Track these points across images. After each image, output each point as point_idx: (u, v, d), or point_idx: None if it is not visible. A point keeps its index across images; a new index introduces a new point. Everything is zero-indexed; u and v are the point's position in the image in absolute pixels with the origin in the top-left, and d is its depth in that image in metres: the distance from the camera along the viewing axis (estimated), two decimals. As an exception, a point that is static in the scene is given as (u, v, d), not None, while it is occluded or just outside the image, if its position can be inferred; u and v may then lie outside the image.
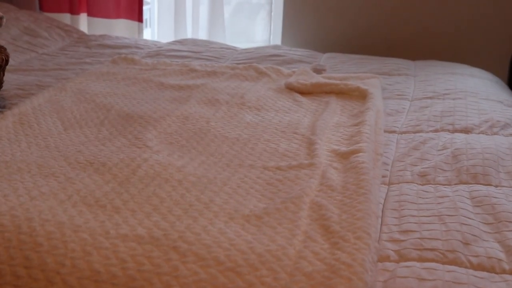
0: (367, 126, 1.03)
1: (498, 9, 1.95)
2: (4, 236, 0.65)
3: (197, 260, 0.62)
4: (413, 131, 1.10)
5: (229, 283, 0.59)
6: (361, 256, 0.62)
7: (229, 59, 1.69)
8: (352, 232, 0.67)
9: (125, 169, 0.84)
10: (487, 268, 0.66)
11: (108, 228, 0.68)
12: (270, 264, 0.61)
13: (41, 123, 1.04)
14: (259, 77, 1.41)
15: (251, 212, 0.73)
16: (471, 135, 1.05)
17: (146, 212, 0.72)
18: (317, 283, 0.59)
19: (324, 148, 0.96)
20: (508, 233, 0.71)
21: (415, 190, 0.84)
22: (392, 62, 1.65)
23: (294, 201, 0.75)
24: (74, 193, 0.77)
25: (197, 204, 0.75)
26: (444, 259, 0.66)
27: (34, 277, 0.61)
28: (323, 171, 0.85)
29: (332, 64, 1.62)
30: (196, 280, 0.59)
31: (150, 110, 1.12)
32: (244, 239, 0.66)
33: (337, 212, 0.73)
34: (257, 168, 0.88)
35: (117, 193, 0.77)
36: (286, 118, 1.11)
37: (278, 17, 2.19)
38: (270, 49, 1.81)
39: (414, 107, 1.24)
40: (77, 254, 0.63)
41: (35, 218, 0.68)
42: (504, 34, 1.97)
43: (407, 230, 0.72)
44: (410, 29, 2.04)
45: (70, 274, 0.61)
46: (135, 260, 0.62)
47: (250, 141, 0.98)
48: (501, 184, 0.86)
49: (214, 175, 0.84)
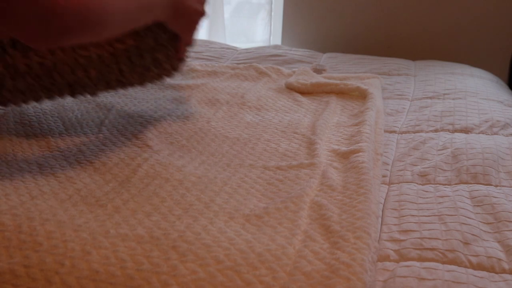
0: (367, 126, 1.03)
1: (498, 9, 1.95)
2: (4, 235, 0.65)
3: (196, 259, 0.62)
4: (413, 131, 1.10)
5: (228, 282, 0.59)
6: (361, 256, 0.62)
7: (229, 59, 1.69)
8: (352, 232, 0.67)
9: (125, 169, 0.84)
10: (487, 267, 0.66)
11: (108, 227, 0.68)
12: (269, 263, 0.61)
13: (42, 123, 1.04)
14: (259, 77, 1.41)
15: (251, 211, 0.73)
16: (471, 135, 1.05)
17: (146, 211, 0.73)
18: (316, 282, 0.59)
19: (324, 148, 0.96)
20: (508, 233, 0.71)
21: (415, 189, 0.84)
22: (392, 62, 1.65)
23: (294, 201, 0.75)
24: (74, 193, 0.77)
25: (198, 203, 0.75)
26: (444, 258, 0.66)
27: (33, 276, 0.61)
28: (323, 171, 0.86)
29: (332, 64, 1.62)
30: (194, 279, 0.59)
31: (151, 109, 1.12)
32: (244, 239, 0.66)
33: (337, 211, 0.73)
34: (258, 168, 0.88)
35: (118, 192, 0.77)
36: (286, 118, 1.11)
37: (278, 17, 2.19)
38: (270, 49, 1.81)
39: (414, 107, 1.24)
40: (76, 254, 0.63)
41: (36, 218, 0.68)
42: (504, 34, 1.97)
43: (407, 230, 0.72)
44: (410, 29, 2.04)
45: (69, 273, 0.61)
46: (134, 260, 0.62)
47: (251, 141, 0.98)
48: (501, 184, 0.86)
49: (214, 174, 0.84)
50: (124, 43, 0.86)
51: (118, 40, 0.85)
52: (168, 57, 0.93)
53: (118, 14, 0.71)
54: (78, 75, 0.86)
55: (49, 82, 0.86)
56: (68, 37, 0.65)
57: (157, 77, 0.94)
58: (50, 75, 0.85)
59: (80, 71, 0.86)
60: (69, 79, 0.86)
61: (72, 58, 0.84)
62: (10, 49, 0.80)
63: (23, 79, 0.83)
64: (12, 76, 0.83)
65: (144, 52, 0.89)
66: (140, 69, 0.90)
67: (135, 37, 0.87)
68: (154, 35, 0.89)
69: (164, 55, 0.92)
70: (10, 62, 0.81)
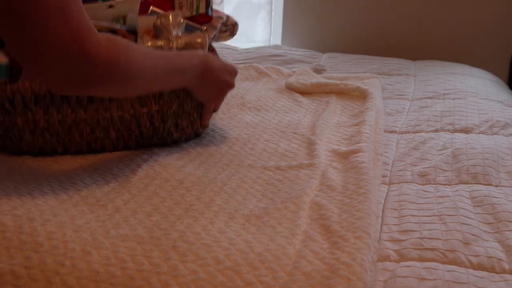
0: (367, 126, 1.03)
1: (498, 9, 1.95)
2: (5, 235, 0.65)
3: (196, 259, 0.62)
4: (413, 131, 1.10)
5: (228, 282, 0.59)
6: (361, 256, 0.62)
7: (229, 59, 1.69)
8: (351, 232, 0.67)
9: (125, 169, 0.84)
10: (487, 267, 0.65)
11: (108, 228, 0.68)
12: (269, 263, 0.61)
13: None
14: (259, 77, 1.41)
15: (251, 212, 0.73)
16: (471, 135, 1.05)
17: (146, 211, 0.73)
18: (316, 282, 0.59)
19: (324, 148, 0.96)
20: (508, 233, 0.71)
21: (415, 190, 0.84)
22: (392, 62, 1.65)
23: (294, 201, 0.75)
24: (75, 193, 0.77)
25: (198, 203, 0.75)
26: (444, 258, 0.66)
27: (34, 277, 0.61)
28: (323, 171, 0.86)
29: (332, 64, 1.62)
30: (194, 279, 0.59)
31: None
32: (244, 239, 0.66)
33: (337, 211, 0.73)
34: (257, 168, 0.88)
35: (118, 192, 0.77)
36: (286, 118, 1.11)
37: (278, 17, 2.19)
38: (270, 49, 1.81)
39: (414, 107, 1.24)
40: (77, 254, 0.63)
41: (37, 218, 0.68)
42: (504, 34, 1.97)
43: (407, 230, 0.72)
44: (410, 29, 2.03)
45: (69, 274, 0.61)
46: (135, 260, 0.62)
47: (250, 141, 0.98)
48: (501, 184, 0.86)
49: (214, 175, 0.84)
50: (147, 106, 0.86)
51: (142, 104, 0.86)
52: (191, 122, 0.93)
53: (148, 69, 0.72)
54: (97, 135, 0.87)
55: (67, 140, 0.87)
56: (95, 87, 0.67)
57: (177, 140, 0.94)
58: (70, 133, 0.86)
59: (100, 131, 0.87)
60: (88, 138, 0.87)
61: (93, 118, 0.85)
62: (32, 104, 0.82)
63: (41, 135, 0.85)
64: (32, 131, 0.85)
65: (167, 116, 0.89)
66: (161, 133, 0.90)
67: (159, 101, 0.87)
68: (179, 101, 0.89)
69: (187, 121, 0.92)
70: (31, 118, 0.83)
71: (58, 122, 0.84)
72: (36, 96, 0.81)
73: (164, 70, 0.77)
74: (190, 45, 0.91)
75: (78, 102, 0.83)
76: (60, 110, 0.83)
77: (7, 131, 0.85)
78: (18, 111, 0.82)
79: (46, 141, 0.86)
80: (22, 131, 0.84)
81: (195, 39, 0.91)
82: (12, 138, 0.85)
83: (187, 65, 0.82)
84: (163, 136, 0.90)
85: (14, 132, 0.85)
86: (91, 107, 0.84)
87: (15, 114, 0.82)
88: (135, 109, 0.86)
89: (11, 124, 0.84)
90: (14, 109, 0.82)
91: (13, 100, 0.81)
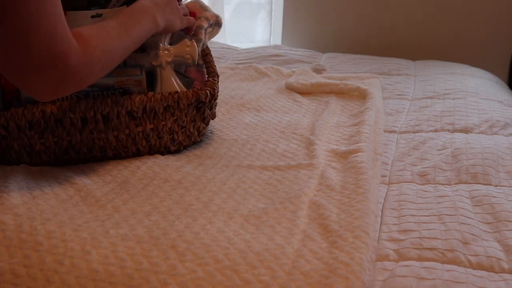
0: (367, 126, 1.03)
1: (498, 9, 1.95)
2: (5, 234, 0.65)
3: (195, 258, 0.62)
4: (413, 131, 1.10)
5: (227, 281, 0.59)
6: (359, 255, 0.62)
7: (229, 59, 1.69)
8: (350, 231, 0.67)
9: (124, 170, 0.85)
10: (486, 267, 0.66)
11: (108, 227, 0.68)
12: (268, 262, 0.61)
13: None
14: (259, 77, 1.41)
15: (250, 211, 0.73)
16: (471, 135, 1.05)
17: (145, 211, 0.73)
18: (314, 281, 0.59)
19: (323, 148, 0.96)
20: (507, 233, 0.71)
21: (415, 189, 0.84)
22: (392, 62, 1.65)
23: (293, 201, 0.75)
24: (75, 193, 0.77)
25: (196, 203, 0.75)
26: (443, 258, 0.66)
27: (33, 276, 0.61)
28: (322, 171, 0.86)
29: (332, 64, 1.62)
30: (193, 278, 0.59)
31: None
32: (243, 238, 0.66)
33: (335, 211, 0.73)
34: (256, 168, 0.88)
35: (117, 193, 0.78)
36: (285, 118, 1.11)
37: (278, 17, 2.19)
38: (270, 49, 1.81)
39: (414, 107, 1.24)
40: (76, 253, 0.63)
41: (37, 217, 0.69)
42: (504, 34, 1.97)
43: (407, 230, 0.72)
44: (410, 29, 2.04)
45: (68, 273, 0.61)
46: (134, 259, 0.62)
47: (249, 141, 0.98)
48: (500, 184, 0.86)
49: (213, 175, 0.84)
50: (142, 126, 0.87)
51: (136, 124, 0.86)
52: (188, 136, 0.93)
53: (121, 43, 0.74)
54: (95, 154, 0.88)
55: (65, 159, 0.88)
56: (80, 86, 0.69)
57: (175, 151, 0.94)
58: (67, 153, 0.87)
59: (97, 151, 0.87)
60: (86, 157, 0.88)
61: (89, 139, 0.86)
62: (26, 130, 0.83)
63: (39, 156, 0.86)
64: (29, 153, 0.86)
65: (163, 133, 0.89)
66: (157, 148, 0.91)
67: (153, 120, 0.87)
68: (175, 119, 0.89)
69: (184, 135, 0.92)
70: (27, 142, 0.84)
71: (55, 144, 0.85)
72: (30, 122, 0.82)
73: (130, 33, 0.76)
74: (179, 55, 0.91)
75: (72, 125, 0.84)
76: (55, 133, 0.84)
77: (5, 154, 0.86)
78: (14, 137, 0.83)
79: (44, 162, 0.87)
80: (20, 154, 0.86)
81: (184, 48, 0.91)
82: (10, 159, 0.87)
83: (138, 12, 0.81)
84: (160, 151, 0.91)
85: (11, 154, 0.86)
86: (86, 130, 0.85)
87: (11, 139, 0.84)
88: (130, 128, 0.86)
89: (8, 148, 0.85)
90: (10, 134, 0.83)
91: (8, 126, 0.82)
